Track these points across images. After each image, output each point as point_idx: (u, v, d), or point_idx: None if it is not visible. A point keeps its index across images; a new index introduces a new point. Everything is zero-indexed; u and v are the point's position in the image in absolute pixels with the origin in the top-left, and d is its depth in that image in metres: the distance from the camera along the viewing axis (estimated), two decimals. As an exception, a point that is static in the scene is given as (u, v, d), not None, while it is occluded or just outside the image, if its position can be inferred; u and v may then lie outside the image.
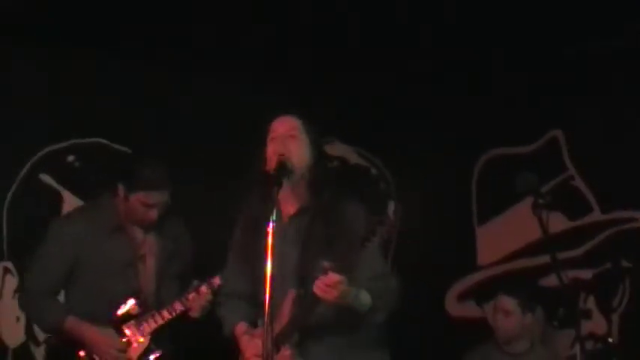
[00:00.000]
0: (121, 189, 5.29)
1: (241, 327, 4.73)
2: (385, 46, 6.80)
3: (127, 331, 5.26)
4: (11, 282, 6.24)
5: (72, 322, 5.22)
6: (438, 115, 7.25)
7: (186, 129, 6.41)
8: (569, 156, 7.06)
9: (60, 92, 6.41)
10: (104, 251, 5.32)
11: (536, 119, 7.09)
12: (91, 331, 5.23)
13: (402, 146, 7.30)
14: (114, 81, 6.54)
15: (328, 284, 4.28)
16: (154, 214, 5.32)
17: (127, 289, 5.30)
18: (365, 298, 4.42)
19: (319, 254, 4.53)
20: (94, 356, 5.25)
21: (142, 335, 5.30)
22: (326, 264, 4.34)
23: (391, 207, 4.37)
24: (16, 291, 6.18)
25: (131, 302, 5.31)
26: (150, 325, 5.26)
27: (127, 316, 5.28)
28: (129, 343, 5.26)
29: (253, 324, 4.75)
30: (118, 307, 5.30)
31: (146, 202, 5.28)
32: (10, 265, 6.28)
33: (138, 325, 5.28)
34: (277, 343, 4.37)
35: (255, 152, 4.70)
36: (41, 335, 6.23)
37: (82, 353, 5.24)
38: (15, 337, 6.28)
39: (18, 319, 6.25)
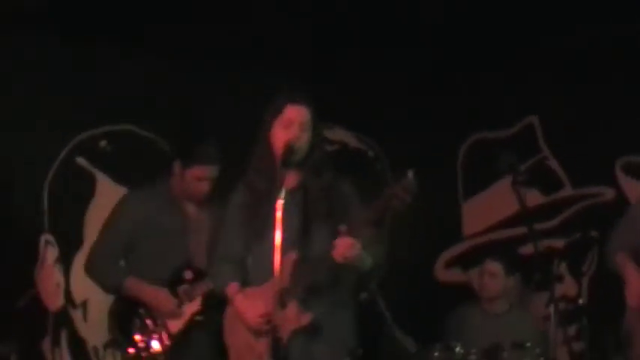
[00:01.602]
0: (177, 165, 5.41)
1: (234, 286, 4.72)
2: (383, 46, 6.86)
3: (181, 293, 5.35)
4: (52, 252, 6.35)
5: (131, 282, 5.37)
6: (427, 104, 7.33)
7: (207, 116, 6.47)
8: (544, 139, 7.25)
9: (94, 83, 6.49)
10: (161, 223, 5.43)
11: (514, 107, 7.29)
12: (148, 290, 5.34)
13: (396, 132, 7.36)
14: (143, 73, 6.59)
15: (347, 246, 4.33)
16: (206, 186, 5.39)
17: (181, 258, 5.40)
18: (367, 259, 4.47)
19: (320, 223, 4.57)
20: (152, 312, 5.36)
21: (193, 297, 5.36)
22: (342, 228, 4.37)
23: (410, 175, 4.31)
24: (56, 261, 6.32)
25: (185, 270, 5.40)
26: (198, 292, 5.32)
27: (181, 281, 5.37)
28: (181, 302, 5.35)
29: (241, 283, 4.77)
30: (172, 273, 5.39)
31: (201, 175, 5.37)
32: (50, 237, 6.37)
33: (191, 290, 5.35)
34: (283, 300, 4.43)
35: (261, 136, 4.66)
36: (79, 299, 6.45)
37: (136, 310, 5.35)
38: (55, 301, 6.40)
39: (58, 285, 6.40)
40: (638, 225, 5.51)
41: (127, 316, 5.43)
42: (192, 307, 5.39)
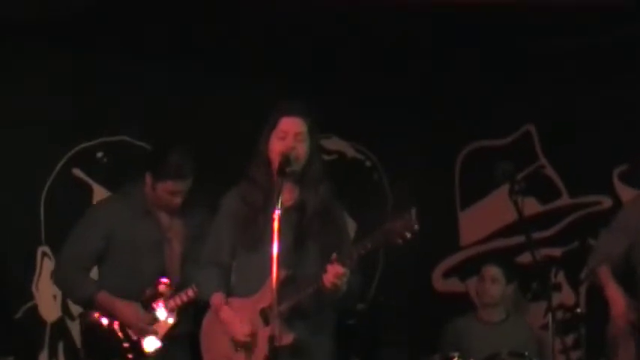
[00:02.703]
0: (148, 178, 5.36)
1: (219, 297, 4.73)
2: (381, 54, 6.84)
3: (155, 307, 5.30)
4: (48, 264, 6.30)
5: (103, 296, 5.28)
6: (424, 113, 7.35)
7: (203, 126, 6.45)
8: (541, 147, 7.22)
9: (90, 94, 6.48)
10: (134, 233, 5.37)
11: (511, 115, 7.26)
12: (120, 305, 5.27)
13: (393, 141, 7.37)
14: (138, 84, 6.58)
15: (337, 274, 4.38)
16: (178, 200, 5.36)
17: (155, 268, 5.34)
18: (350, 284, 4.50)
19: (312, 243, 4.62)
20: (126, 329, 5.31)
21: (168, 311, 5.32)
22: (334, 256, 4.42)
23: (413, 213, 4.38)
24: (53, 273, 6.16)
25: (160, 281, 5.35)
26: (175, 303, 5.29)
27: (156, 294, 5.31)
28: (156, 318, 5.31)
29: (226, 293, 4.76)
30: (147, 285, 5.32)
31: (172, 190, 5.34)
32: (47, 249, 6.33)
33: (165, 303, 5.31)
34: (267, 316, 4.48)
35: (257, 146, 4.70)
36: (76, 311, 6.27)
37: (109, 326, 5.30)
38: (52, 313, 6.36)
39: (55, 297, 6.31)
40: (619, 237, 5.52)
41: (99, 332, 5.39)
42: (168, 322, 5.37)
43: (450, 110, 7.36)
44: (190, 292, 5.21)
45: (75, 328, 6.29)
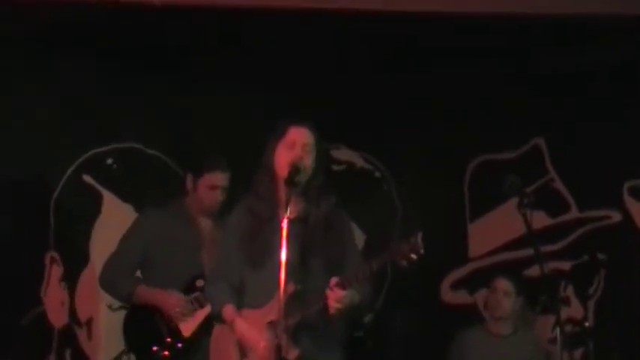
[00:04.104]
0: (189, 179, 5.51)
1: (231, 308, 4.73)
2: (386, 70, 6.81)
3: (193, 300, 5.39)
4: (57, 270, 6.38)
5: (142, 289, 5.43)
6: (435, 125, 7.25)
7: (207, 134, 6.46)
8: (551, 161, 7.17)
9: (101, 102, 6.53)
10: (176, 239, 5.49)
11: (521, 128, 7.18)
12: (159, 293, 5.40)
13: (403, 153, 7.28)
14: (147, 93, 6.63)
15: (338, 299, 4.40)
16: (219, 195, 5.46)
17: (194, 270, 5.43)
18: (355, 297, 4.51)
19: (316, 256, 4.59)
20: (166, 316, 5.39)
21: (205, 305, 5.32)
22: (334, 280, 4.45)
23: (419, 236, 4.40)
24: (61, 279, 6.36)
25: (197, 280, 5.42)
26: None
27: (193, 289, 5.40)
28: (194, 309, 5.39)
29: (236, 306, 4.75)
30: (186, 285, 5.44)
31: (213, 183, 5.44)
32: (56, 255, 6.39)
33: (202, 296, 5.35)
34: (275, 330, 4.45)
35: (264, 158, 4.71)
36: (83, 317, 6.44)
37: (150, 313, 5.39)
38: (60, 319, 6.40)
39: (62, 303, 6.40)
40: None
41: (141, 324, 5.45)
42: (203, 312, 5.36)
43: (461, 123, 7.22)
44: None
45: (82, 335, 6.44)
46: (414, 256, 4.32)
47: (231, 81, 6.68)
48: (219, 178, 5.47)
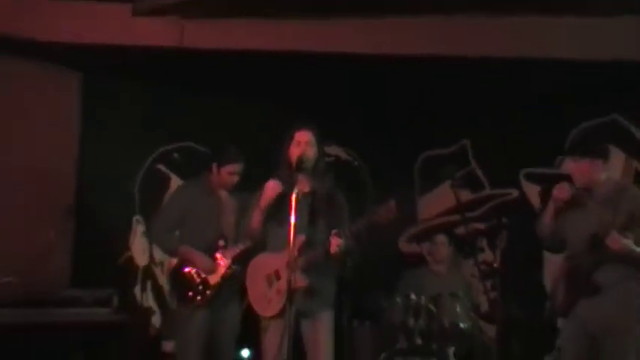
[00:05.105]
0: (214, 167, 5.37)
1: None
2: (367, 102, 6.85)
3: (217, 256, 5.29)
4: (140, 228, 6.60)
5: (183, 248, 5.33)
6: (396, 131, 7.41)
7: (235, 137, 5.91)
8: (473, 156, 7.42)
9: (168, 116, 6.68)
10: (202, 207, 5.37)
11: (454, 133, 7.44)
12: (195, 254, 5.28)
13: (373, 149, 7.50)
14: (197, 111, 6.71)
15: (337, 244, 4.41)
16: (235, 179, 5.36)
17: (216, 232, 5.33)
18: (346, 246, 4.48)
19: (321, 218, 4.61)
20: (198, 271, 5.27)
21: (225, 259, 5.28)
22: (334, 231, 4.43)
23: (392, 203, 4.39)
24: (143, 233, 6.53)
25: (219, 240, 5.32)
26: (231, 254, 5.27)
27: (216, 248, 5.30)
28: (217, 263, 5.28)
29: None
30: (211, 243, 5.31)
31: (232, 170, 5.33)
32: (140, 217, 6.62)
33: (223, 253, 5.28)
34: (289, 268, 4.34)
35: (281, 151, 4.67)
36: (158, 260, 6.55)
37: (187, 269, 5.29)
38: (142, 260, 6.63)
39: (144, 250, 6.59)
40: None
41: (180, 276, 5.33)
42: (225, 266, 5.27)
43: (413, 130, 7.42)
44: (240, 247, 5.21)
45: (158, 271, 6.60)
46: (389, 217, 4.33)
47: (250, 101, 6.70)
48: (236, 167, 5.37)
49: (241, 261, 5.18)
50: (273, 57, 5.98)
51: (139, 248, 6.63)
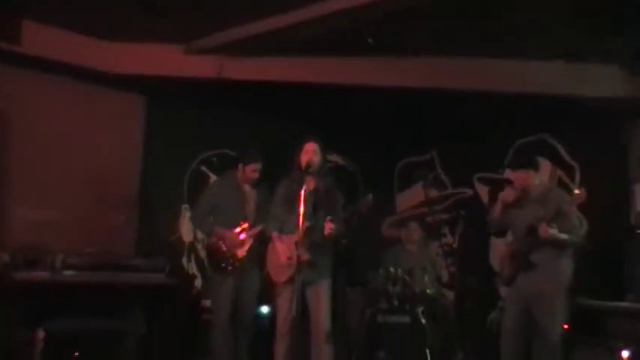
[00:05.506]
0: (240, 166, 5.57)
1: (275, 233, 4.92)
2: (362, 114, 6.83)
3: (242, 236, 5.44)
4: (187, 214, 6.72)
5: (218, 230, 5.52)
6: (380, 143, 7.55)
7: (265, 146, 5.92)
8: (440, 164, 7.66)
9: (206, 129, 6.88)
10: (231, 198, 5.53)
11: (425, 146, 7.66)
12: (227, 233, 5.46)
13: (364, 156, 7.70)
14: (230, 125, 6.93)
15: (330, 228, 4.64)
16: (257, 175, 5.53)
17: (240, 217, 5.52)
18: (339, 229, 4.73)
19: (322, 209, 4.78)
20: (229, 247, 5.40)
21: (248, 237, 5.42)
22: (329, 218, 4.68)
23: (370, 197, 4.65)
24: (189, 218, 6.42)
25: (242, 223, 5.47)
26: (252, 233, 5.42)
27: (241, 229, 5.44)
28: (242, 241, 5.44)
29: (279, 232, 4.87)
30: (237, 225, 5.49)
31: (254, 168, 5.51)
32: (187, 206, 6.78)
33: (247, 233, 5.42)
34: (299, 246, 4.61)
35: (294, 157, 4.92)
36: (200, 238, 6.64)
37: (219, 245, 5.43)
38: (188, 238, 6.82)
39: (189, 230, 6.80)
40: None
41: (215, 251, 5.47)
42: (248, 243, 5.43)
43: (396, 142, 7.54)
44: (259, 228, 5.38)
45: (199, 247, 6.77)
46: (367, 207, 4.63)
47: (271, 119, 6.89)
48: (257, 167, 5.50)
49: (259, 239, 5.44)
50: (286, 86, 6.21)
51: (186, 229, 6.85)
